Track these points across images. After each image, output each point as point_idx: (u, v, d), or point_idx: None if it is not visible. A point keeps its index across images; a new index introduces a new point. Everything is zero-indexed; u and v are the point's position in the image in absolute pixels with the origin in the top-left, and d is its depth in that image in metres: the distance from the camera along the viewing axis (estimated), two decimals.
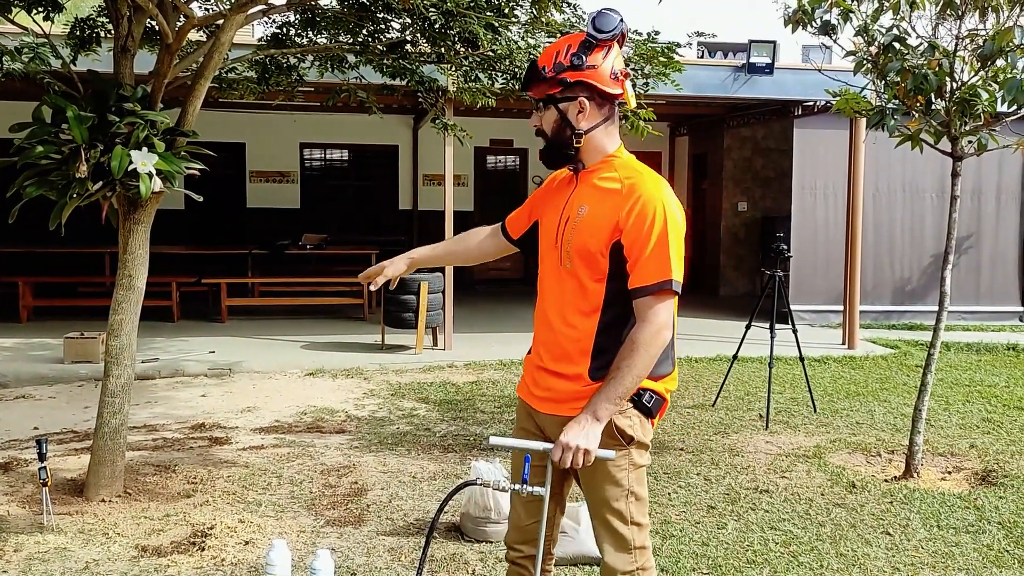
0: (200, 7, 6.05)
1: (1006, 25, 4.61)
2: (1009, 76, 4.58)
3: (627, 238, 2.33)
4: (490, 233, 2.82)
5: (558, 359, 2.45)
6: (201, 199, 4.64)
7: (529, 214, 2.69)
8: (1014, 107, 4.59)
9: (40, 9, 5.02)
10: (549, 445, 2.34)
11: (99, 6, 5.43)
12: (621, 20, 2.39)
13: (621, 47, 2.46)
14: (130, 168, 4.08)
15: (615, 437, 2.39)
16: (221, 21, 4.71)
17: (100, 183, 4.13)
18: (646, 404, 2.41)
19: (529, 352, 2.60)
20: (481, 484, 2.44)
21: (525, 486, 2.37)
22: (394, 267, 2.79)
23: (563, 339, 2.44)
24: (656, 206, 2.32)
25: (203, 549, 3.95)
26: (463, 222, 6.51)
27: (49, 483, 4.19)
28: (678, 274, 2.32)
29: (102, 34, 5.57)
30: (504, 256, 2.90)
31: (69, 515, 4.32)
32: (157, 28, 4.65)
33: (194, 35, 5.53)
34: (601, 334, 2.39)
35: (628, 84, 2.43)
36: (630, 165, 2.44)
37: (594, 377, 2.39)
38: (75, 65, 5.09)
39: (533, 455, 2.41)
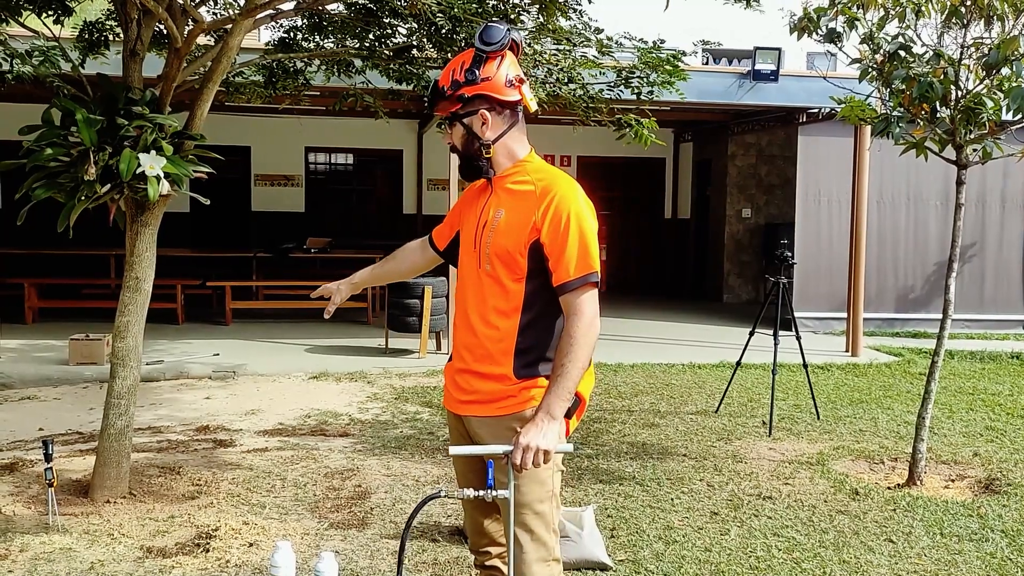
0: (209, 12, 6.08)
1: (1011, 34, 4.62)
2: (1014, 85, 4.59)
3: (546, 237, 2.40)
4: (419, 247, 2.93)
5: (481, 360, 2.50)
6: (208, 202, 4.67)
7: (452, 225, 2.78)
8: (1019, 115, 4.60)
9: (50, 12, 5.05)
10: (509, 447, 2.36)
11: (108, 10, 5.47)
12: (508, 31, 2.47)
13: (517, 55, 2.54)
14: (138, 171, 4.10)
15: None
16: (230, 26, 4.74)
17: (108, 185, 4.15)
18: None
19: (449, 360, 2.64)
20: (445, 495, 2.44)
21: (491, 491, 2.37)
22: (339, 294, 3.00)
23: (485, 340, 2.49)
24: (570, 205, 2.41)
25: (207, 551, 3.97)
26: None
27: (55, 484, 4.21)
28: (597, 267, 2.42)
29: (111, 38, 5.61)
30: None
31: (74, 516, 4.34)
32: (166, 32, 4.68)
33: (202, 39, 5.56)
34: (522, 333, 2.45)
35: (525, 88, 2.51)
36: (542, 168, 2.53)
37: (519, 375, 2.44)
38: (84, 68, 5.13)
39: (495, 459, 2.41)
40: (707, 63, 12.50)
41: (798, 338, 6.72)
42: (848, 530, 4.41)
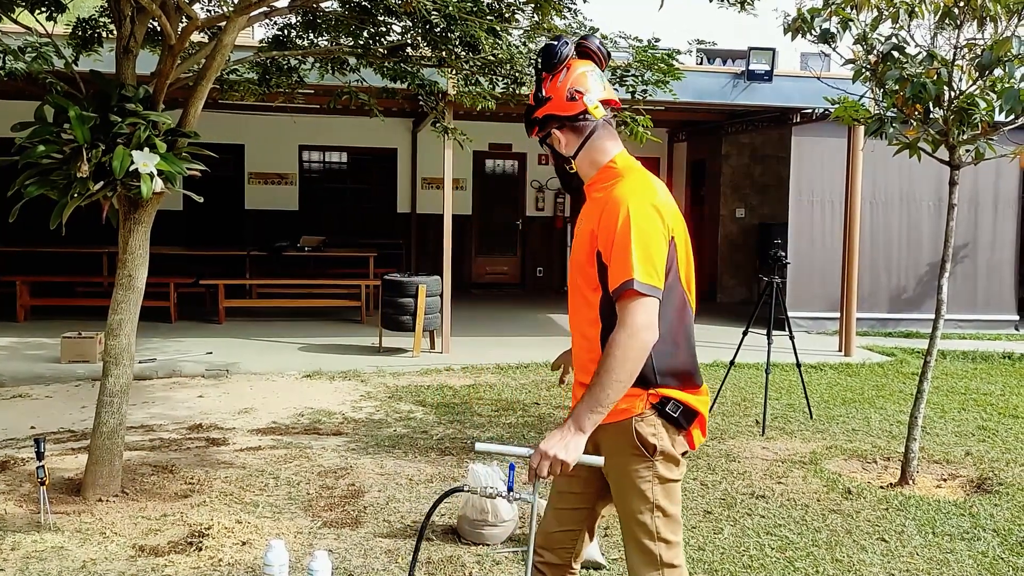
0: (203, 9, 6.07)
1: (1004, 35, 4.64)
2: (1007, 86, 4.60)
3: (601, 244, 2.36)
4: None
5: (580, 370, 2.54)
6: (201, 200, 4.66)
7: None
8: (1011, 116, 4.62)
9: (43, 9, 5.04)
10: (530, 451, 2.31)
11: (101, 6, 5.45)
12: (565, 44, 2.46)
13: (602, 64, 2.50)
14: (131, 168, 4.09)
15: (636, 446, 2.37)
16: (223, 23, 4.72)
17: (101, 183, 4.14)
18: (670, 413, 2.37)
19: None
20: (468, 491, 2.43)
21: (512, 493, 2.35)
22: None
23: (581, 351, 2.52)
24: (621, 207, 2.32)
25: (200, 549, 3.96)
26: (461, 226, 6.53)
27: (47, 482, 4.20)
28: (642, 274, 2.26)
29: (104, 34, 5.59)
30: (504, 260, 2.95)
31: (66, 514, 4.32)
32: (159, 29, 4.67)
33: (196, 36, 5.55)
34: (604, 342, 2.39)
35: (588, 97, 2.45)
36: (620, 172, 2.46)
37: None
38: (77, 65, 5.11)
39: (517, 463, 2.40)
40: (701, 63, 12.53)
41: (791, 338, 6.74)
42: (841, 529, 4.42)
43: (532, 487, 2.34)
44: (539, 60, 2.48)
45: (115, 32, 4.70)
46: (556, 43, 2.46)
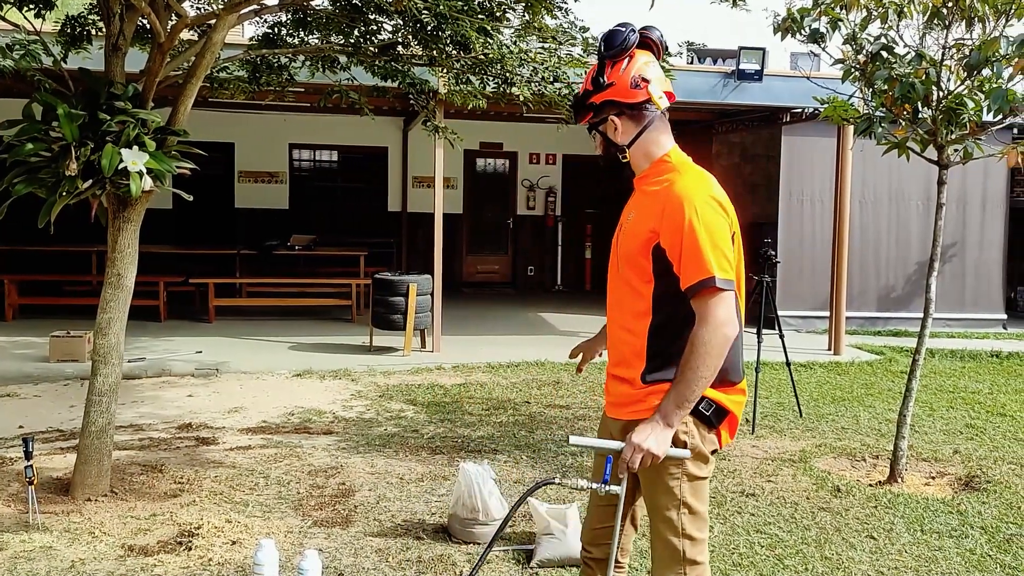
0: (192, 6, 6.05)
1: (992, 35, 4.67)
2: (995, 86, 4.63)
3: (665, 240, 2.36)
4: None
5: (618, 363, 2.51)
6: (191, 198, 4.64)
7: None
8: (999, 116, 4.65)
9: (32, 6, 5.01)
10: (623, 445, 2.36)
11: (90, 4, 5.43)
12: (631, 32, 2.43)
13: (658, 55, 2.49)
14: (120, 166, 4.08)
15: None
16: (213, 21, 4.71)
17: (90, 181, 4.12)
18: (703, 411, 2.40)
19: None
20: (559, 484, 2.46)
21: (604, 485, 2.38)
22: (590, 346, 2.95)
23: (621, 343, 2.50)
24: (687, 204, 2.33)
25: (190, 549, 3.95)
26: (452, 225, 6.53)
27: (35, 482, 4.18)
28: (719, 269, 2.31)
29: (93, 32, 5.56)
30: (494, 259, 2.94)
31: (55, 514, 4.30)
32: (149, 27, 4.65)
33: (186, 34, 5.53)
34: (653, 336, 2.41)
35: (653, 87, 2.45)
36: (676, 166, 2.48)
37: (645, 380, 2.41)
38: (66, 63, 5.08)
39: (614, 455, 2.42)
40: (692, 62, 12.54)
41: (781, 336, 6.76)
42: (830, 527, 4.44)
43: (622, 480, 2.39)
44: (602, 45, 2.44)
45: (104, 30, 4.68)
46: (623, 29, 2.43)
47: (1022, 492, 5.00)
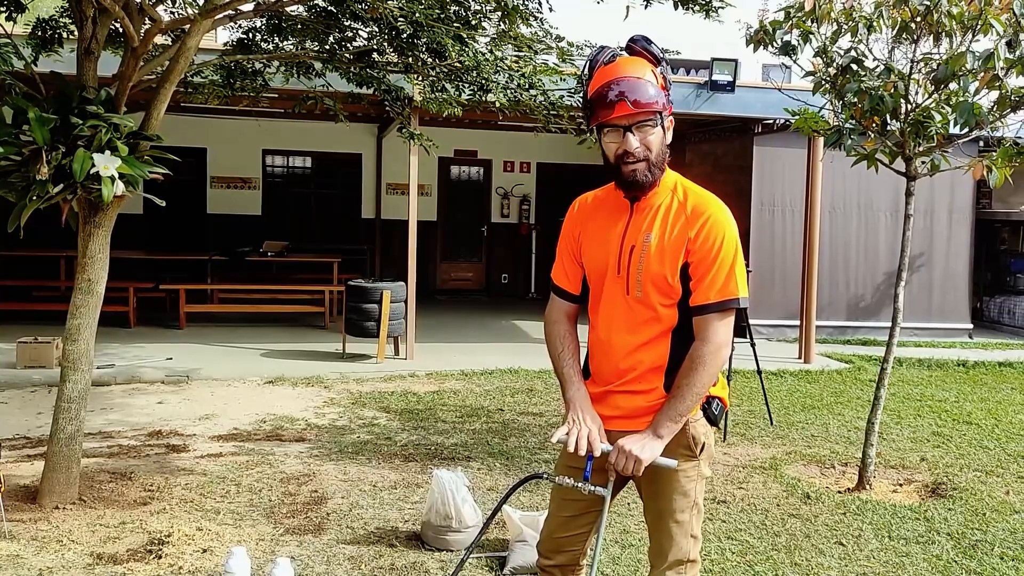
0: (167, 11, 6.01)
1: (959, 50, 4.76)
2: (961, 99, 4.72)
3: (694, 257, 2.34)
4: (562, 315, 2.60)
5: (632, 380, 2.45)
6: (163, 204, 4.60)
7: (574, 261, 2.57)
8: (965, 129, 4.74)
9: (2, 9, 4.95)
10: (609, 447, 2.37)
11: (62, 7, 5.37)
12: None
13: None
14: (92, 171, 4.04)
15: (690, 447, 2.44)
16: (188, 26, 4.69)
17: (61, 185, 4.08)
18: (714, 412, 2.46)
19: (586, 380, 2.54)
20: (547, 479, 2.49)
21: (586, 484, 2.40)
22: (597, 427, 2.46)
23: (636, 363, 2.44)
24: (723, 228, 2.35)
25: (160, 557, 3.91)
26: (426, 232, 6.52)
27: (2, 489, 4.11)
28: (743, 291, 2.37)
29: (65, 35, 5.50)
30: (468, 266, 2.92)
31: (22, 522, 4.24)
32: (122, 30, 4.61)
33: (160, 39, 5.49)
34: (675, 349, 2.41)
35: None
36: (686, 186, 2.45)
37: (668, 389, 2.41)
38: (37, 66, 5.02)
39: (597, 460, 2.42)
40: None
41: (752, 345, 6.83)
42: (800, 533, 4.49)
43: (608, 480, 2.40)
44: (654, 53, 2.38)
45: (76, 33, 4.64)
46: (648, 37, 2.40)
47: (987, 499, 5.09)
